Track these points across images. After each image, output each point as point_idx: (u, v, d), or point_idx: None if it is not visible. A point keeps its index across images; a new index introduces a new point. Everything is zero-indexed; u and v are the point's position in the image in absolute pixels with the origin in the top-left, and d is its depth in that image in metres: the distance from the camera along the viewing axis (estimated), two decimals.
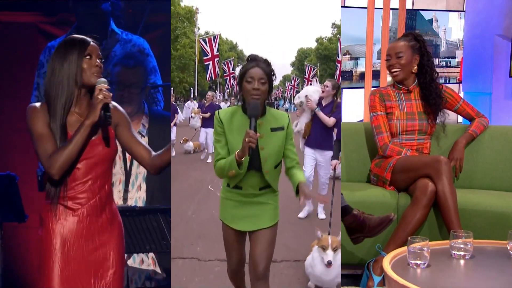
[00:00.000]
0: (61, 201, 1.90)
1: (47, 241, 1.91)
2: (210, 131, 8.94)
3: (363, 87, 5.10)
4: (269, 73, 2.35)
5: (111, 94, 1.86)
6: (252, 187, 2.39)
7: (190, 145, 9.36)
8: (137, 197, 2.94)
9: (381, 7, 4.85)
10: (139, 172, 2.95)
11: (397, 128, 3.15)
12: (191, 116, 8.73)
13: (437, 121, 3.26)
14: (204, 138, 9.09)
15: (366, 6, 4.80)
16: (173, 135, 9.16)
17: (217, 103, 10.98)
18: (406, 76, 3.18)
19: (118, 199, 2.78)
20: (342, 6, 5.49)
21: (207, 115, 8.92)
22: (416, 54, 3.16)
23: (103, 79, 1.88)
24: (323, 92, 4.89)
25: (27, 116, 1.86)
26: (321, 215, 4.98)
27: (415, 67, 3.17)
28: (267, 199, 2.44)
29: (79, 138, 1.82)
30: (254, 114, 2.25)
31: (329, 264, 2.97)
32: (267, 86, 2.32)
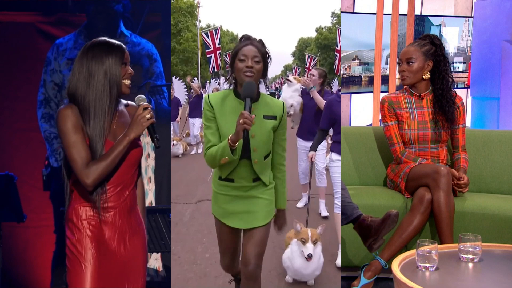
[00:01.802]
0: (95, 204, 1.86)
1: (81, 244, 1.85)
2: (198, 121, 8.75)
3: (372, 92, 5.13)
4: (264, 53, 2.19)
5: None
6: (245, 179, 2.25)
7: (180, 148, 8.81)
8: (148, 189, 2.92)
9: (390, 13, 4.88)
10: (148, 165, 2.94)
11: (409, 138, 3.07)
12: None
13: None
14: (192, 129, 8.79)
15: (375, 12, 4.83)
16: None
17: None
18: (415, 81, 3.07)
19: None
20: (351, 12, 5.52)
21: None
22: (429, 59, 3.02)
23: (143, 96, 1.86)
24: (310, 81, 4.69)
25: (59, 120, 1.79)
26: (324, 212, 4.82)
27: (427, 74, 3.05)
28: (261, 193, 2.30)
29: (119, 152, 1.80)
30: (249, 94, 2.08)
31: (309, 257, 2.92)
32: (261, 65, 2.16)
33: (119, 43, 1.89)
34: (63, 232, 1.90)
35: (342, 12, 5.41)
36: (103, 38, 1.90)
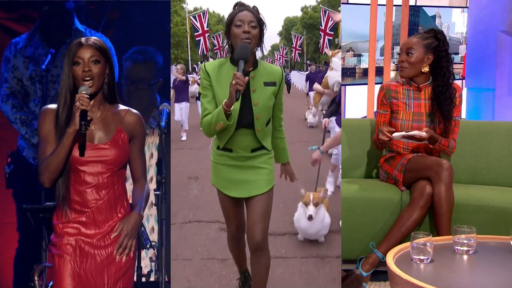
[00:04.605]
0: (69, 204, 1.91)
1: (58, 243, 1.92)
2: (185, 105, 8.58)
3: (366, 84, 5.10)
4: (260, 19, 2.18)
5: (90, 102, 1.83)
6: (243, 149, 2.26)
7: None
8: (150, 188, 2.92)
9: (384, 3, 4.85)
10: (150, 165, 2.94)
11: (402, 129, 3.01)
12: None
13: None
14: (180, 115, 8.22)
15: (369, 3, 4.80)
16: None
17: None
18: (413, 74, 3.01)
19: (130, 192, 2.84)
20: (345, 3, 5.49)
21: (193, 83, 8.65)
22: (429, 53, 2.96)
23: (84, 87, 1.85)
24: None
25: (38, 117, 1.90)
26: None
27: (426, 68, 2.99)
28: (261, 163, 2.31)
29: (61, 146, 1.82)
30: (244, 56, 2.07)
31: (310, 218, 3.30)
32: (258, 31, 2.15)
33: (76, 40, 1.91)
34: (26, 230, 1.94)
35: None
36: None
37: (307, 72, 10.44)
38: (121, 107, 2.01)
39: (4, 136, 3.02)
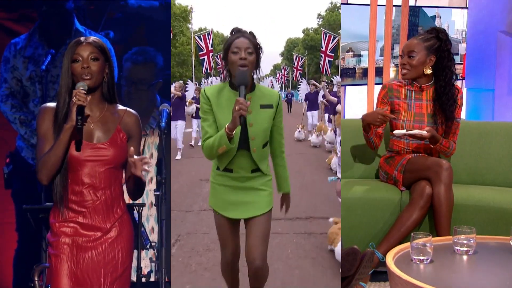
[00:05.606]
0: (66, 204, 1.91)
1: (55, 243, 1.92)
2: (181, 123, 8.36)
3: (366, 84, 5.10)
4: (256, 44, 2.24)
5: (88, 97, 1.83)
6: (243, 169, 2.30)
7: None
8: (148, 189, 2.91)
9: (384, 4, 4.84)
10: (150, 165, 2.94)
11: (404, 129, 3.01)
12: None
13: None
14: (175, 133, 8.18)
15: (369, 3, 4.79)
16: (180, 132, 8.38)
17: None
18: (415, 76, 3.01)
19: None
20: (345, 4, 5.49)
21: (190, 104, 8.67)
22: (431, 54, 2.95)
23: (82, 83, 1.85)
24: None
25: (37, 115, 1.90)
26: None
27: (429, 69, 2.98)
28: (261, 185, 2.34)
29: (58, 142, 1.82)
30: (243, 82, 2.13)
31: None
32: (254, 57, 2.21)
33: (74, 40, 1.91)
34: (26, 230, 1.92)
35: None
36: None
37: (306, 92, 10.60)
38: (120, 107, 2.01)
39: (3, 136, 3.02)
